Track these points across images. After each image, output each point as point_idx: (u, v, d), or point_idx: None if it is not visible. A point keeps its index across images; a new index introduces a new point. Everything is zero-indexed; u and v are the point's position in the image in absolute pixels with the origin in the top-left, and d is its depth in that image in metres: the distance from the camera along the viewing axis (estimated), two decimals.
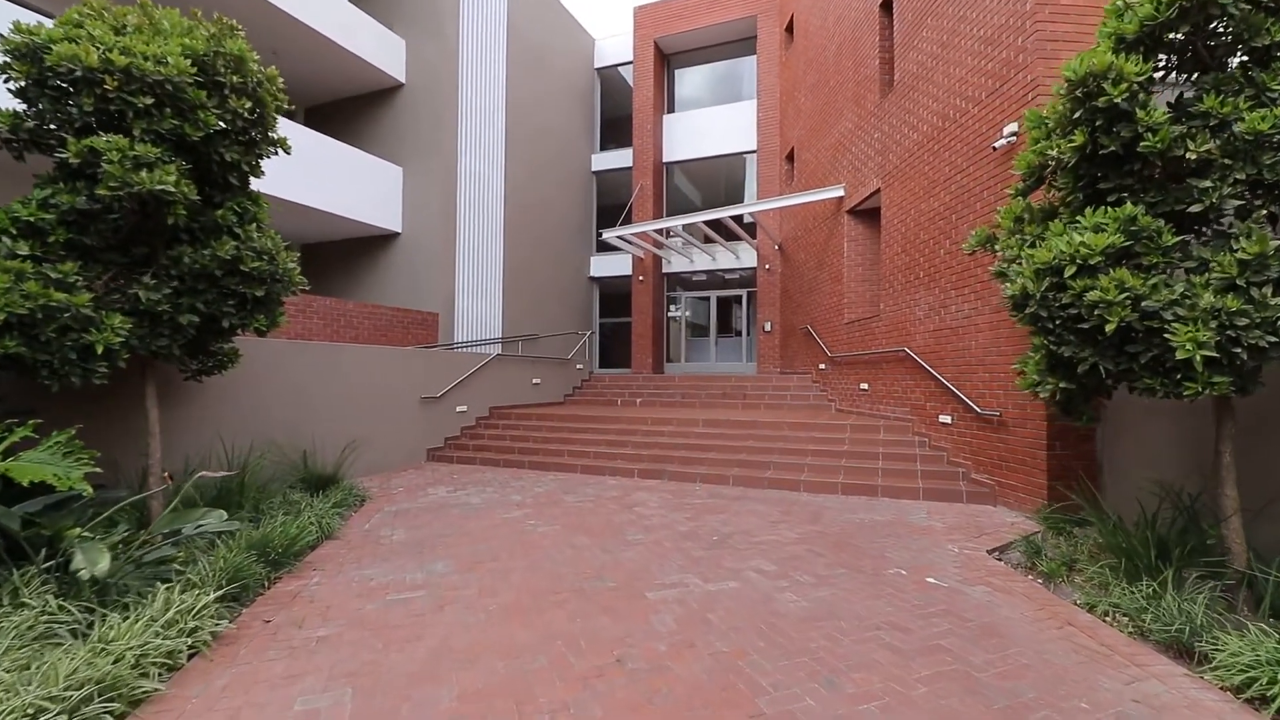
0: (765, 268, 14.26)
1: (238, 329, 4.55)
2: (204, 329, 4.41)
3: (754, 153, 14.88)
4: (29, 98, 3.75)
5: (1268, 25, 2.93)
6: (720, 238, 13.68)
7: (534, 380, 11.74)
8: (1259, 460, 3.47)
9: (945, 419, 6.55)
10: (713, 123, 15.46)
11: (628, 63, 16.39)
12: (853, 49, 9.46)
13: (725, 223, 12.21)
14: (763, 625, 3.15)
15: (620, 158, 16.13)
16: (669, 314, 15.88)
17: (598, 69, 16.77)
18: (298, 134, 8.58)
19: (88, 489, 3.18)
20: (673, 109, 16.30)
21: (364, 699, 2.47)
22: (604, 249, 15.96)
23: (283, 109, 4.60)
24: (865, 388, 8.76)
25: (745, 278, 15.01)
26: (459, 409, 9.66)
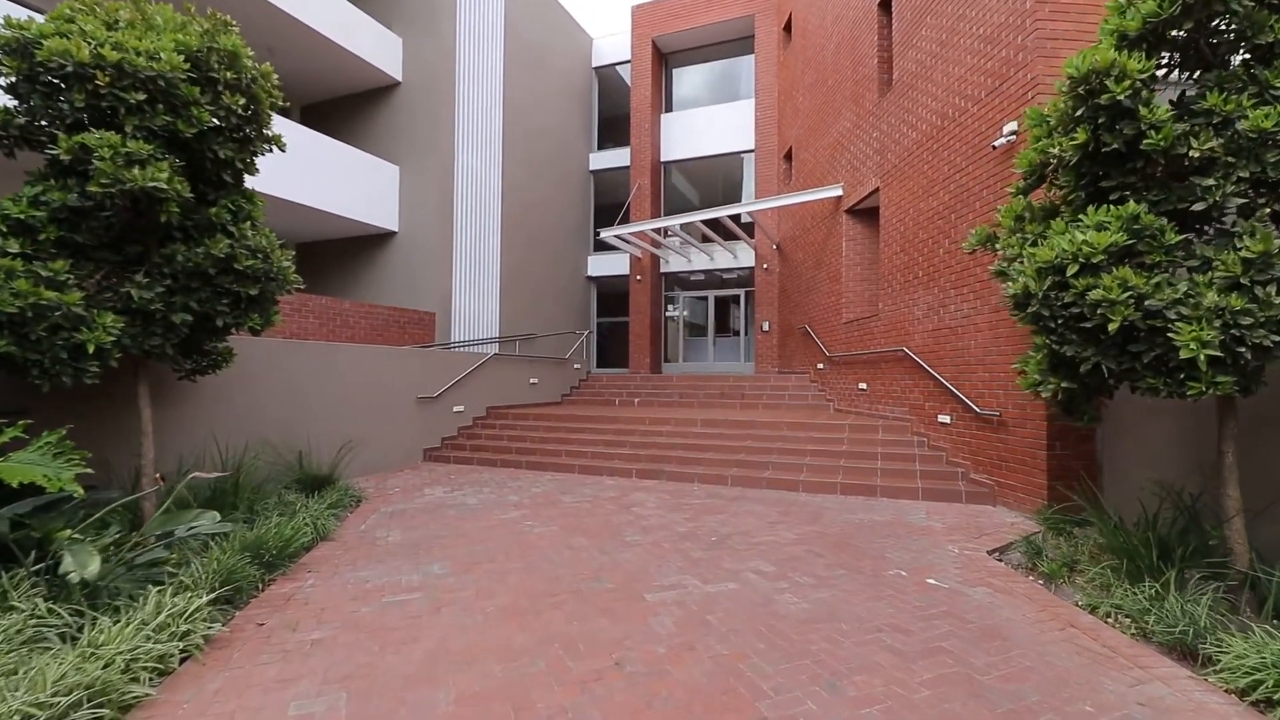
0: (763, 267, 14.24)
1: (232, 328, 4.51)
2: (197, 328, 4.36)
3: (752, 152, 14.87)
4: (20, 94, 3.70)
5: (1271, 22, 2.91)
6: (718, 237, 13.66)
7: (531, 380, 11.69)
8: (1260, 460, 3.46)
9: (944, 419, 6.53)
10: (710, 122, 15.44)
11: (625, 62, 16.37)
12: (851, 48, 9.44)
13: (723, 222, 12.18)
14: (763, 627, 3.12)
15: (618, 157, 16.11)
16: (667, 314, 15.85)
17: (595, 68, 16.75)
18: (293, 131, 8.53)
19: (79, 490, 3.14)
20: (670, 108, 16.27)
21: (359, 702, 2.44)
22: (602, 248, 15.94)
23: (277, 106, 4.55)
24: (864, 387, 8.75)
25: (743, 277, 14.99)
26: (456, 409, 9.60)
